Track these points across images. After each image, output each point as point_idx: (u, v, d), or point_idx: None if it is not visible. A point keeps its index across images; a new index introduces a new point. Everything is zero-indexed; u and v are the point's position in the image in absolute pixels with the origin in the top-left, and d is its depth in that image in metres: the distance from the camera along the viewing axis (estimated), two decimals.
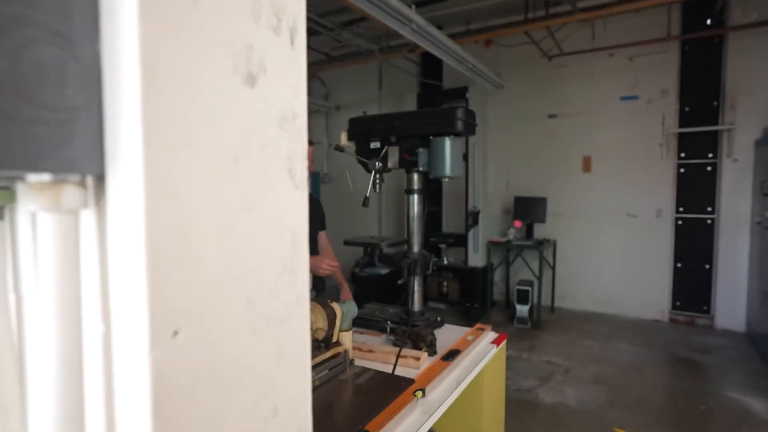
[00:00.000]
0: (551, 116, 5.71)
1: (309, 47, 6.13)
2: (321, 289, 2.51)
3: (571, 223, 5.66)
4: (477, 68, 4.78)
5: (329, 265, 2.21)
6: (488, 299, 5.35)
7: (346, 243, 2.22)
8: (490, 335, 1.98)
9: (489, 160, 5.76)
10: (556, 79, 5.63)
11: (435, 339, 1.76)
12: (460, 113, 1.84)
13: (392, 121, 1.97)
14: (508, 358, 4.18)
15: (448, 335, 1.94)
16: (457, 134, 1.88)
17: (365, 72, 6.84)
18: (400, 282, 1.96)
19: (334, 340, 1.30)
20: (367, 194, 2.05)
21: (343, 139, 2.14)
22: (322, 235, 2.60)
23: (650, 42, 4.92)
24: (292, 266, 0.36)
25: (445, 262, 5.47)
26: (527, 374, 3.73)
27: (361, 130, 2.09)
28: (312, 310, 1.24)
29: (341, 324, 1.32)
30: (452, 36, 4.80)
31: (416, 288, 2.02)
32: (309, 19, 5.15)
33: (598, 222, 5.50)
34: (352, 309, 1.39)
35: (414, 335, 1.77)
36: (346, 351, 1.34)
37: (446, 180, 1.92)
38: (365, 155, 2.06)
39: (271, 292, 0.35)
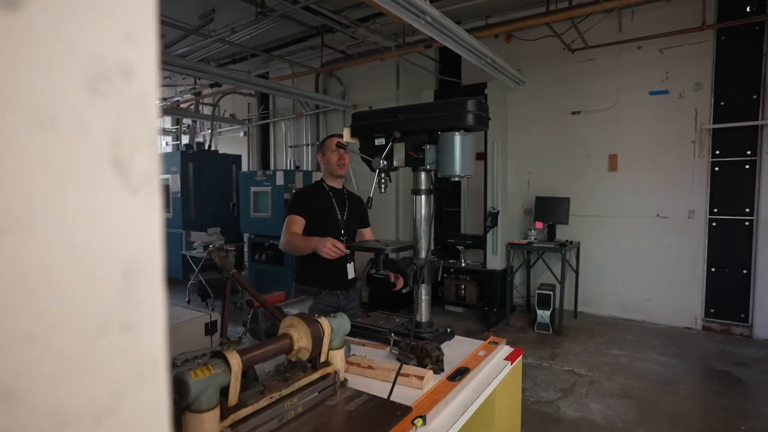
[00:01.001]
0: (575, 113, 5.45)
1: (325, 45, 6.04)
2: (351, 285, 2.45)
3: (596, 224, 5.39)
4: (496, 63, 4.58)
5: (333, 245, 2.07)
6: (507, 303, 5.13)
7: (348, 247, 2.08)
8: (504, 350, 1.81)
9: (509, 159, 5.53)
10: (580, 73, 5.36)
11: (442, 355, 1.60)
12: (470, 105, 1.67)
13: (397, 115, 1.82)
14: (526, 366, 3.98)
15: (457, 349, 1.78)
16: (467, 129, 1.72)
17: (382, 70, 6.70)
18: (404, 291, 1.81)
19: (323, 359, 1.16)
20: (371, 194, 1.91)
21: (346, 135, 2.01)
22: (364, 233, 2.54)
23: (682, 32, 4.61)
24: (126, 320, 0.22)
25: (463, 264, 5.28)
26: (548, 385, 3.52)
27: (365, 126, 1.95)
28: (294, 327, 1.10)
29: (331, 341, 1.18)
30: (471, 31, 4.62)
31: (423, 297, 1.86)
32: (324, 16, 5.05)
33: (625, 224, 5.22)
34: (343, 324, 1.25)
35: (419, 350, 1.61)
36: (336, 372, 1.19)
37: (456, 179, 1.75)
38: (369, 153, 1.92)
39: (76, 367, 0.21)
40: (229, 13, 5.38)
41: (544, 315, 4.82)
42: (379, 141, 1.92)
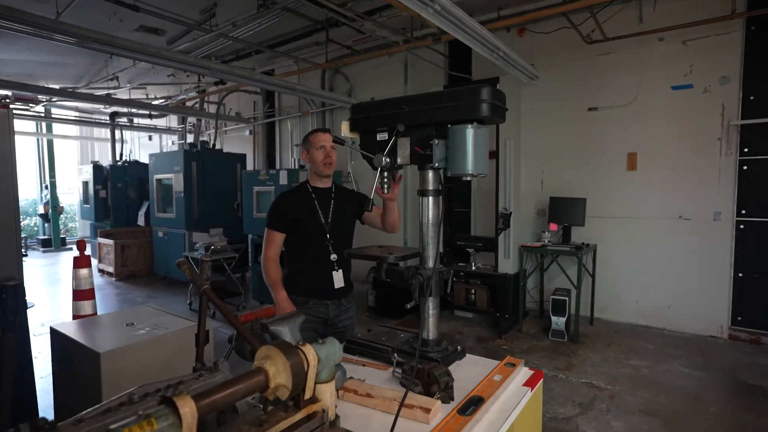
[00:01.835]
0: (591, 109, 5.19)
1: (330, 40, 5.85)
2: (342, 294, 2.22)
3: (614, 226, 5.12)
4: (508, 56, 4.34)
5: None
6: (520, 309, 4.89)
7: (349, 255, 1.88)
8: (523, 373, 1.59)
9: (522, 157, 5.28)
10: (597, 67, 5.10)
11: (452, 380, 1.39)
12: (484, 94, 1.46)
13: (401, 107, 1.61)
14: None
15: (469, 371, 1.57)
16: (481, 121, 1.51)
17: (390, 66, 6.49)
18: (409, 306, 1.60)
19: (308, 396, 0.96)
20: (371, 196, 1.70)
21: (345, 129, 1.80)
22: (374, 215, 2.26)
23: (709, 22, 4.33)
24: None
25: (474, 267, 5.05)
26: (565, 399, 3.28)
27: (366, 119, 1.74)
28: (270, 359, 0.90)
29: (318, 373, 0.98)
30: (482, 23, 4.38)
31: (431, 312, 1.65)
32: (329, 9, 4.85)
33: (645, 226, 4.95)
34: (333, 353, 1.05)
35: (425, 375, 1.40)
36: (324, 410, 0.99)
37: (467, 178, 1.54)
38: (370, 149, 1.71)
39: None
40: (231, 7, 5.21)
41: (559, 322, 4.57)
42: (382, 136, 1.72)
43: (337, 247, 2.19)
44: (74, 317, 3.34)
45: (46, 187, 11.00)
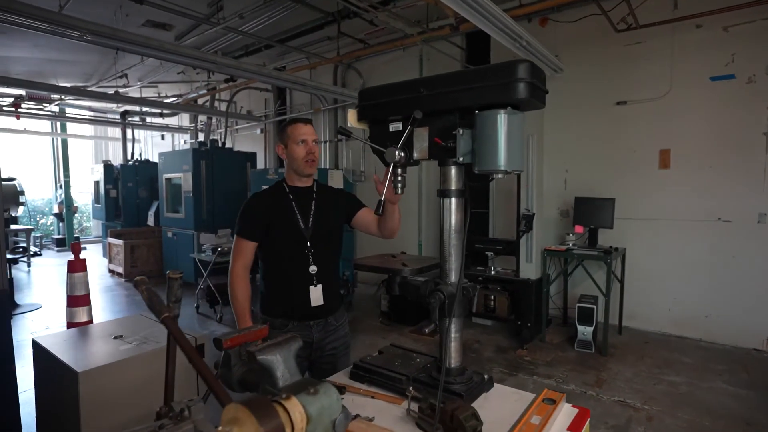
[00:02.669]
0: (620, 103, 4.84)
1: (342, 33, 5.60)
2: (328, 313, 1.89)
3: (644, 228, 4.77)
4: (531, 46, 4.04)
5: None
6: (543, 317, 4.58)
7: (356, 267, 1.62)
8: (565, 411, 1.31)
9: (545, 155, 4.97)
10: (626, 58, 4.75)
11: (480, 425, 1.13)
12: (522, 71, 1.18)
13: (418, 90, 1.35)
14: (568, 394, 3.44)
15: (500, 410, 1.30)
16: (516, 105, 1.23)
17: (404, 60, 6.22)
18: (427, 331, 1.33)
19: None
20: (382, 197, 1.44)
21: (352, 118, 1.55)
22: (364, 215, 1.97)
23: (753, 4, 3.95)
24: None
25: (493, 272, 4.75)
26: (597, 421, 2.97)
27: (376, 106, 1.48)
28: (238, 426, 0.65)
29: None
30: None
31: (453, 335, 1.38)
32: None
33: (679, 228, 4.58)
34: (329, 405, 0.79)
35: (448, 418, 1.14)
36: None
37: (499, 176, 1.27)
38: (382, 141, 1.45)
39: None
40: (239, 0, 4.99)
41: (585, 331, 4.25)
42: (395, 126, 1.46)
43: (320, 256, 1.86)
44: (68, 324, 3.16)
45: (61, 187, 11.02)
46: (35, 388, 2.31)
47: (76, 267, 3.19)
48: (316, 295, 1.84)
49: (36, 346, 2.22)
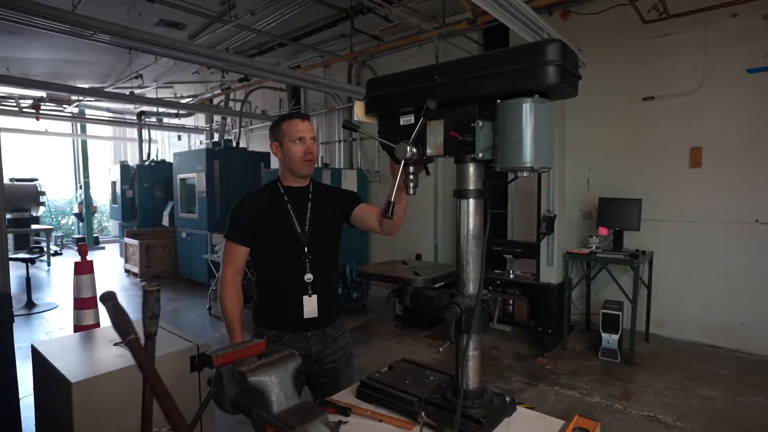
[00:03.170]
0: (647, 99, 4.60)
1: (355, 29, 5.48)
2: (325, 323, 1.74)
3: (673, 231, 4.51)
4: (553, 38, 3.83)
5: None
6: (565, 323, 4.36)
7: (361, 275, 1.48)
8: None
9: (566, 153, 4.75)
10: (654, 51, 4.50)
11: None
12: (552, 52, 1.02)
13: (432, 78, 1.20)
14: (593, 407, 3.24)
15: None
16: (545, 93, 1.07)
17: (420, 57, 6.05)
18: (441, 350, 1.18)
19: None
20: (391, 198, 1.30)
21: (359, 111, 1.43)
22: (363, 211, 1.79)
23: None
24: None
25: (512, 276, 4.55)
26: None
27: (386, 96, 1.33)
28: None
29: None
30: None
31: (471, 353, 1.23)
32: None
33: (712, 230, 4.32)
34: None
35: None
36: None
37: (524, 174, 1.11)
38: (392, 136, 1.31)
39: None
40: None
41: (610, 339, 4.03)
42: (407, 119, 1.31)
43: (317, 263, 1.71)
44: (75, 328, 3.10)
45: (81, 187, 11.18)
46: (34, 394, 2.24)
47: (83, 269, 3.14)
48: (311, 306, 1.69)
49: (35, 352, 2.15)
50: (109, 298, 0.82)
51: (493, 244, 4.77)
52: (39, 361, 2.09)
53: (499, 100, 1.09)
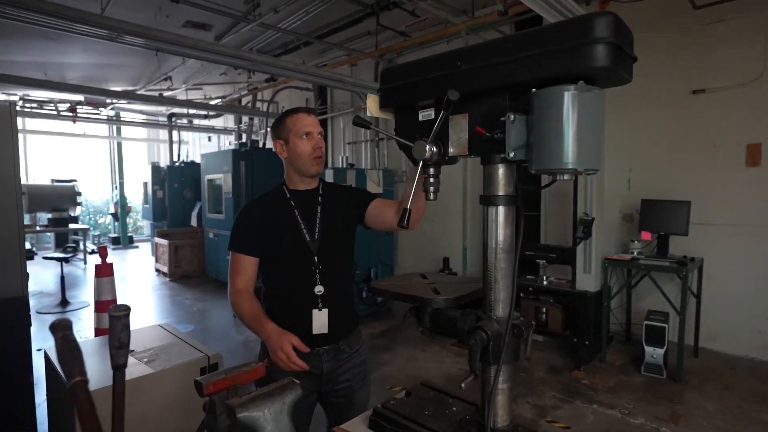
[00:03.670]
0: (697, 91, 4.23)
1: (381, 25, 5.33)
2: (339, 337, 1.59)
3: (726, 236, 4.13)
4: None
5: (288, 356, 1.40)
6: (603, 335, 4.06)
7: (374, 291, 1.31)
8: None
9: (605, 151, 4.43)
10: (706, 40, 4.14)
11: None
12: (601, 27, 0.83)
13: (455, 64, 1.03)
14: (637, 430, 2.96)
15: None
16: (591, 79, 0.88)
17: None
18: (463, 385, 1.00)
19: None
20: (408, 205, 1.12)
21: (372, 106, 1.25)
22: (377, 206, 1.62)
23: None
24: None
25: (545, 282, 4.29)
26: None
27: (402, 88, 1.17)
28: None
29: None
30: None
31: (500, 386, 1.05)
32: None
33: None
34: None
35: None
36: None
37: (566, 177, 0.92)
38: (409, 134, 1.14)
39: None
40: None
41: (655, 353, 3.71)
42: (426, 114, 1.14)
43: (328, 274, 1.56)
44: (96, 332, 3.08)
45: (116, 188, 11.54)
46: (47, 400, 2.20)
47: (103, 271, 3.12)
48: (321, 321, 1.54)
49: (47, 360, 2.10)
50: (60, 328, 0.70)
51: (525, 249, 4.51)
52: (50, 369, 2.04)
53: (534, 89, 0.91)
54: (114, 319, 0.75)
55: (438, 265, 5.95)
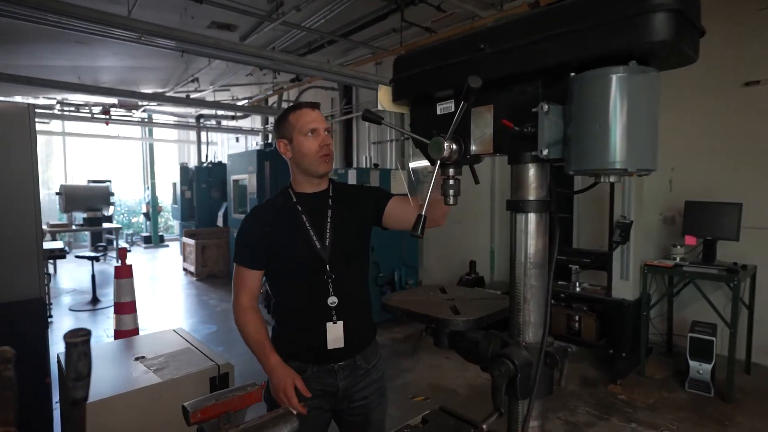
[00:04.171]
0: (750, 83, 3.89)
1: (405, 21, 5.20)
2: (355, 351, 1.47)
3: None
4: None
5: (288, 397, 1.32)
6: (642, 346, 3.79)
7: (384, 308, 1.18)
8: None
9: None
10: (762, 26, 3.80)
11: None
12: None
13: (478, 47, 0.88)
14: None
15: None
16: (646, 57, 0.72)
17: None
18: (485, 426, 0.85)
19: None
20: (422, 211, 0.98)
21: (383, 98, 1.11)
22: (397, 207, 1.50)
23: None
24: None
25: (578, 289, 4.05)
26: None
27: (418, 77, 1.03)
28: None
29: None
30: None
31: (532, 423, 0.89)
32: None
33: None
34: None
35: None
36: None
37: (611, 179, 0.76)
38: (426, 129, 1.00)
39: None
40: None
41: (701, 369, 3.42)
42: (446, 106, 1.00)
43: (342, 283, 1.44)
44: (115, 334, 3.07)
45: (148, 188, 11.85)
46: (59, 404, 2.17)
47: (122, 273, 3.11)
48: (335, 334, 1.42)
49: (60, 363, 2.07)
50: (4, 360, 0.59)
51: (557, 253, 4.27)
52: (62, 372, 2.01)
53: (573, 73, 0.75)
54: (70, 347, 0.64)
55: (464, 267, 5.75)
